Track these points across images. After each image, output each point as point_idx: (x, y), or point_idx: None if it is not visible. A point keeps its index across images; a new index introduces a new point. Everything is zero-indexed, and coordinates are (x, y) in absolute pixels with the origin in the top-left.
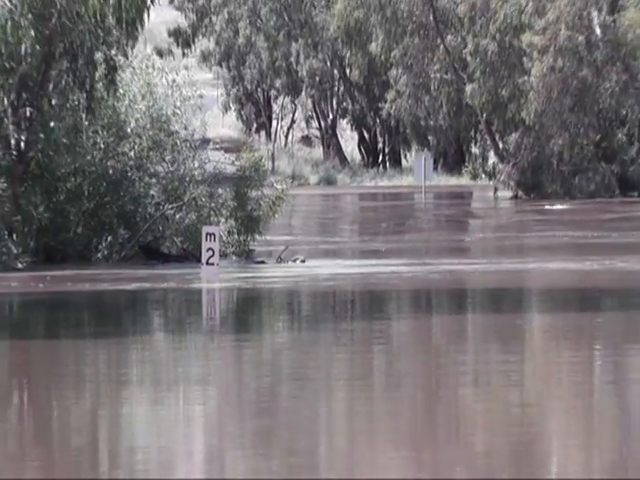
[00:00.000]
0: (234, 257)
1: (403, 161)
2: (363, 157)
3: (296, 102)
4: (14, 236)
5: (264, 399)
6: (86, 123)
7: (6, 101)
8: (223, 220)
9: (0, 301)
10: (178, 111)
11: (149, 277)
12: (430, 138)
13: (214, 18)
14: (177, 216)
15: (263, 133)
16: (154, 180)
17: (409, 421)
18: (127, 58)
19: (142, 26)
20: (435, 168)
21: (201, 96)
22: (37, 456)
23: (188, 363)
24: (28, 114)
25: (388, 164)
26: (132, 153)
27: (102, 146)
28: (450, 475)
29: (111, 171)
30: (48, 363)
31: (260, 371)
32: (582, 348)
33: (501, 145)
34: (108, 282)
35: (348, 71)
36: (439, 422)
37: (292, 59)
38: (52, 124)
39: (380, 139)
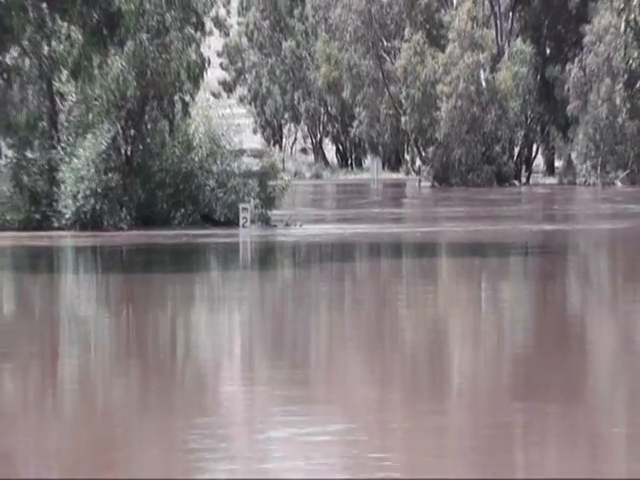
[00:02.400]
0: (259, 223)
1: (363, 163)
2: (339, 161)
3: (297, 127)
4: (123, 209)
5: (277, 306)
6: (168, 140)
7: (118, 125)
8: (251, 199)
9: (113, 249)
10: (224, 133)
11: (207, 234)
12: (380, 149)
13: (247, 75)
14: (224, 197)
15: (277, 146)
16: (210, 175)
17: (362, 313)
18: (193, 99)
19: (202, 79)
20: (382, 168)
21: (238, 124)
22: (147, 336)
23: (231, 286)
24: (132, 134)
25: (354, 165)
26: (196, 158)
27: (178, 154)
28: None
29: (184, 169)
30: (145, 286)
31: (275, 289)
32: (471, 278)
33: (423, 154)
34: (181, 238)
35: (329, 108)
36: (379, 315)
37: (295, 101)
38: (148, 140)
39: (349, 150)
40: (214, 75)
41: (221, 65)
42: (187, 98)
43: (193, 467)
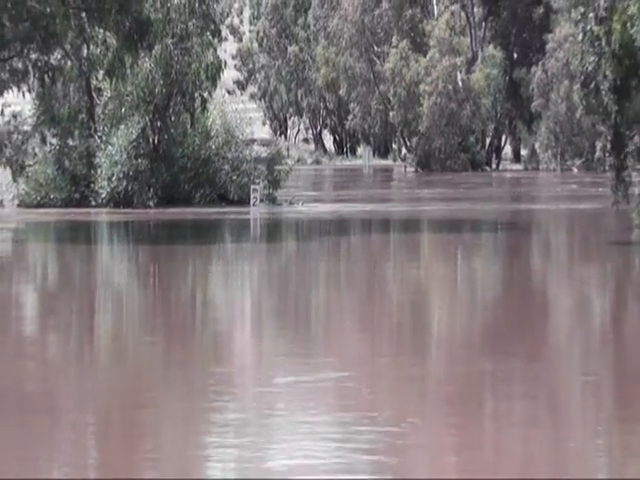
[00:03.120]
0: (267, 202)
1: (357, 151)
2: (336, 149)
3: (300, 120)
4: (150, 190)
5: (283, 271)
6: (190, 130)
7: (147, 118)
8: (260, 181)
9: (142, 223)
10: (237, 124)
11: (223, 212)
12: (371, 139)
13: (257, 75)
14: (237, 179)
15: (283, 136)
16: (225, 161)
17: (354, 277)
18: (211, 96)
19: (219, 78)
20: (373, 155)
21: (250, 117)
22: (171, 296)
23: (243, 255)
24: (158, 125)
25: (349, 153)
26: (213, 146)
27: (198, 142)
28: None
29: (202, 156)
30: (169, 255)
31: (280, 257)
32: (448, 248)
33: (408, 144)
34: (201, 214)
35: (328, 104)
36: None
37: (298, 98)
38: (172, 130)
39: (344, 140)
40: (229, 75)
41: (235, 66)
42: (206, 95)
43: (209, 407)
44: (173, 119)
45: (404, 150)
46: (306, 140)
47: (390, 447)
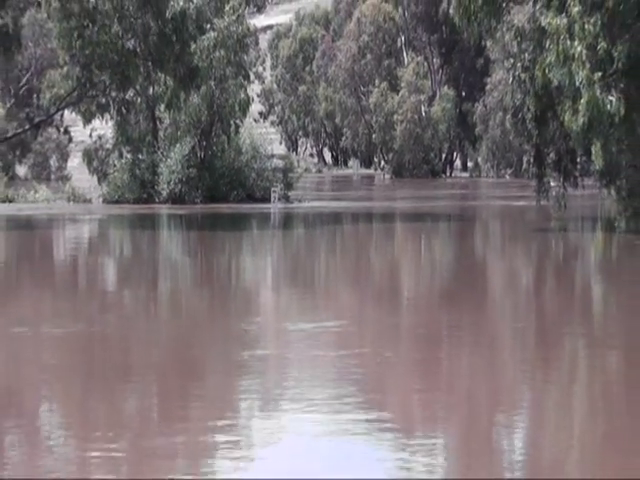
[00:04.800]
0: (282, 199)
1: (348, 163)
2: (333, 162)
3: (307, 141)
4: (198, 191)
5: (295, 248)
6: (226, 148)
7: (196, 139)
8: (278, 185)
9: (192, 215)
10: (261, 143)
11: (250, 207)
12: (358, 154)
13: (275, 108)
14: (261, 183)
15: (294, 152)
16: (252, 170)
17: (347, 251)
18: (242, 123)
19: (248, 110)
20: (360, 166)
21: (270, 138)
22: (214, 265)
23: (265, 237)
24: (204, 144)
25: (343, 164)
26: (244, 159)
27: (232, 156)
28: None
29: (236, 166)
30: (212, 236)
31: (293, 238)
32: (415, 231)
33: (386, 158)
34: (234, 209)
35: (327, 129)
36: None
37: (305, 124)
38: (214, 148)
39: (339, 155)
40: (255, 108)
41: (259, 101)
42: (238, 122)
43: (241, 344)
44: (215, 139)
45: (383, 162)
46: (311, 155)
47: (372, 371)
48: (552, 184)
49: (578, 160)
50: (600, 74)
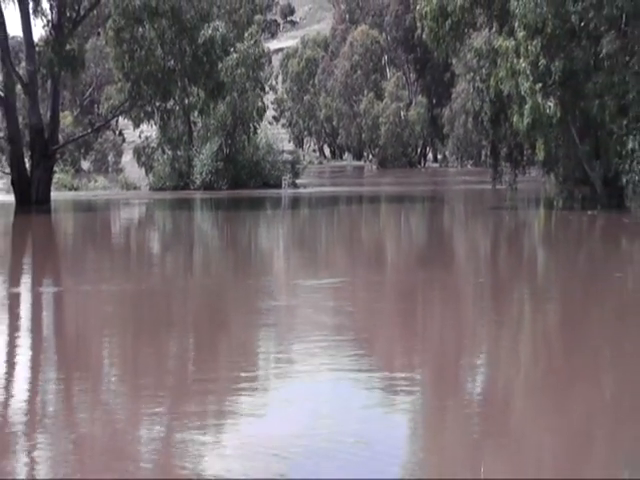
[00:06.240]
0: (291, 186)
1: (343, 156)
2: (331, 156)
3: (310, 139)
4: (225, 180)
5: (301, 223)
6: (247, 145)
7: (222, 139)
8: (288, 174)
9: (219, 199)
10: (274, 141)
11: (266, 192)
12: (351, 150)
13: (285, 113)
14: (274, 173)
15: (300, 148)
16: (267, 162)
17: (344, 225)
18: (259, 125)
19: (263, 115)
20: (353, 159)
21: (281, 138)
22: (237, 237)
23: (278, 214)
24: (229, 142)
25: (339, 157)
26: (261, 154)
27: (251, 152)
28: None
29: (254, 160)
30: (236, 214)
31: (300, 215)
32: (397, 210)
33: (373, 152)
34: (253, 194)
35: (326, 130)
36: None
37: (309, 126)
38: (237, 146)
39: (336, 150)
40: (269, 113)
41: (273, 108)
42: (256, 124)
43: (256, 298)
44: (237, 139)
45: (370, 156)
46: (314, 150)
47: (362, 319)
48: (505, 172)
49: (525, 153)
50: (541, 85)
